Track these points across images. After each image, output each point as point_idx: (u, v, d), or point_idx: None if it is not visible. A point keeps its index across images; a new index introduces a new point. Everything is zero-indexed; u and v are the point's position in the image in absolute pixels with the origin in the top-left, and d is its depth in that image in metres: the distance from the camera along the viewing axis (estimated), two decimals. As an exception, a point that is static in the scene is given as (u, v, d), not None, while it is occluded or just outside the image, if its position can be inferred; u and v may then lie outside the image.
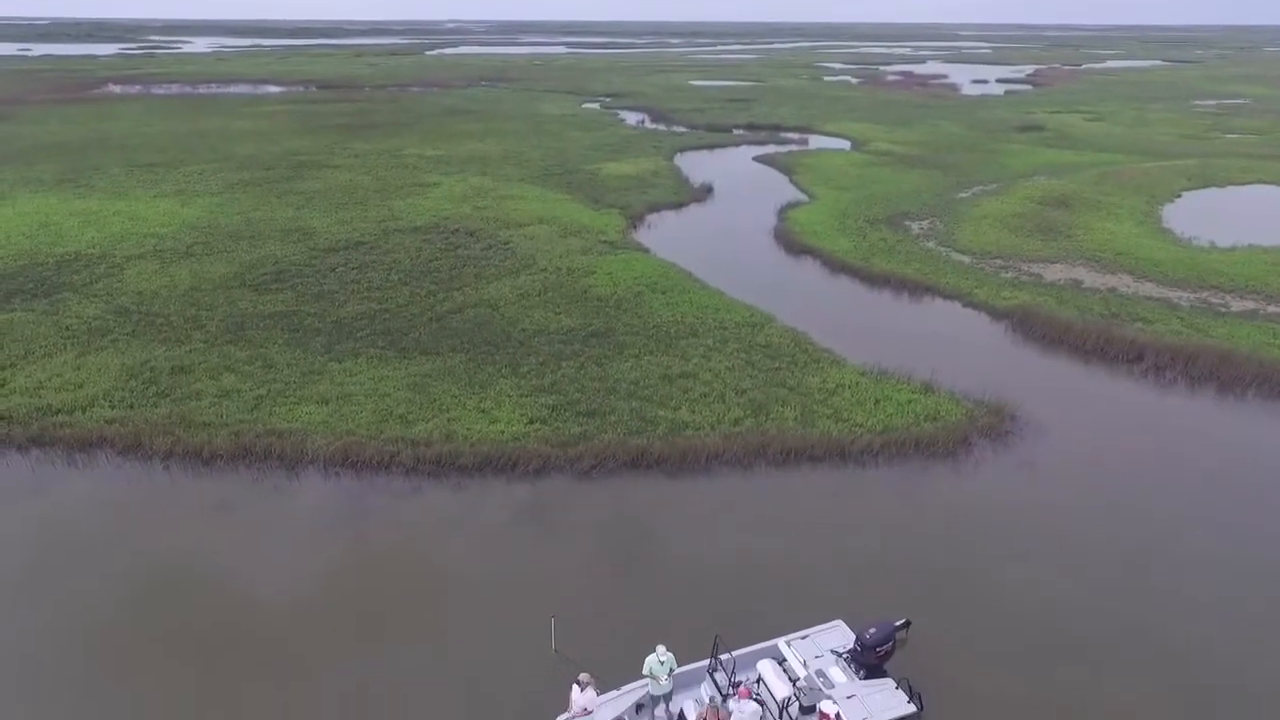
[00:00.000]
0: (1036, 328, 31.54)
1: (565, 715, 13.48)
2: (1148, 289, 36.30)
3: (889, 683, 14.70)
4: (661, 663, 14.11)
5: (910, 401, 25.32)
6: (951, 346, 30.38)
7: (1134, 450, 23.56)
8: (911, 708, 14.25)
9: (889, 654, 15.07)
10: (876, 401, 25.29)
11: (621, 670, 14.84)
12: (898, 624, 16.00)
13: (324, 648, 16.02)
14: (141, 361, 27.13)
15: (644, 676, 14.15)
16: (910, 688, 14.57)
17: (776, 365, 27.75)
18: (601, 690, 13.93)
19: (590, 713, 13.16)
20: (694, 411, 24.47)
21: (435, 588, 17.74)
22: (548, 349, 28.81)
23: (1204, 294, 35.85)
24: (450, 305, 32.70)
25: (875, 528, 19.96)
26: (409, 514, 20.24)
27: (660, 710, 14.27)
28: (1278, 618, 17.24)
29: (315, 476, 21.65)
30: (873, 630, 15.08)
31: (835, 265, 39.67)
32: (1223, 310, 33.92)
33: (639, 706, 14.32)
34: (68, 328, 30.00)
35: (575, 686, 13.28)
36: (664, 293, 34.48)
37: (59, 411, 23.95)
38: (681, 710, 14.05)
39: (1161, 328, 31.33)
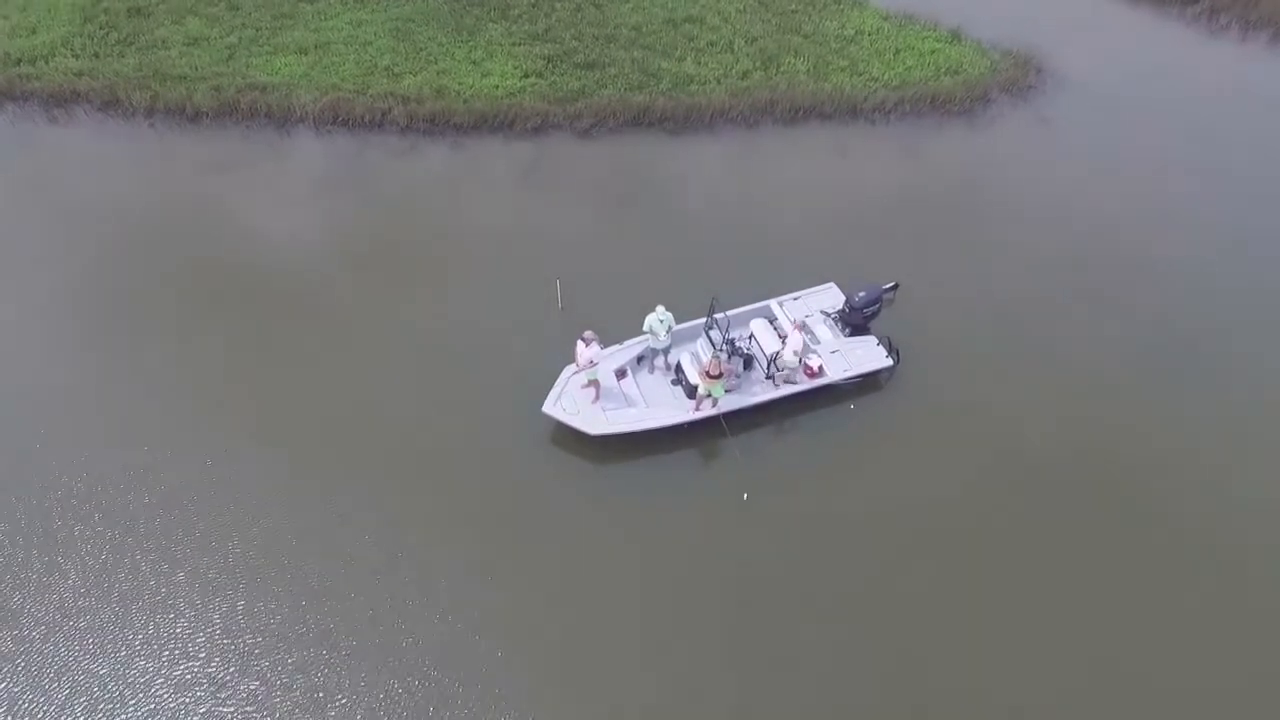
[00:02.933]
0: (1089, -40, 27.93)
1: (572, 366, 14.80)
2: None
3: (871, 339, 15.91)
4: (661, 321, 15.09)
5: (933, 52, 23.49)
6: (990, -16, 27.22)
7: (1159, 107, 22.50)
8: (889, 361, 15.61)
9: (875, 314, 16.07)
10: (896, 52, 23.45)
11: (623, 327, 15.90)
12: (886, 287, 16.78)
13: (336, 302, 16.87)
14: (92, 1, 24.55)
15: (644, 333, 15.24)
16: (890, 344, 15.80)
17: (792, 7, 25.19)
18: (604, 345, 15.08)
19: (595, 364, 14.42)
20: (700, 63, 22.82)
21: (442, 246, 18.21)
22: (540, -14, 25.88)
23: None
24: (426, -70, 28.57)
25: (877, 188, 19.89)
26: (408, 174, 20.03)
27: (659, 361, 15.63)
28: (1248, 290, 17.99)
29: (307, 135, 20.98)
30: (861, 293, 15.91)
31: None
32: (1307, -63, 29.70)
33: (639, 359, 15.67)
34: (-2, -42, 26.63)
35: (580, 342, 14.36)
36: (670, -86, 29.87)
37: (20, 61, 22.31)
38: (679, 362, 15.37)
39: (1231, -39, 27.74)
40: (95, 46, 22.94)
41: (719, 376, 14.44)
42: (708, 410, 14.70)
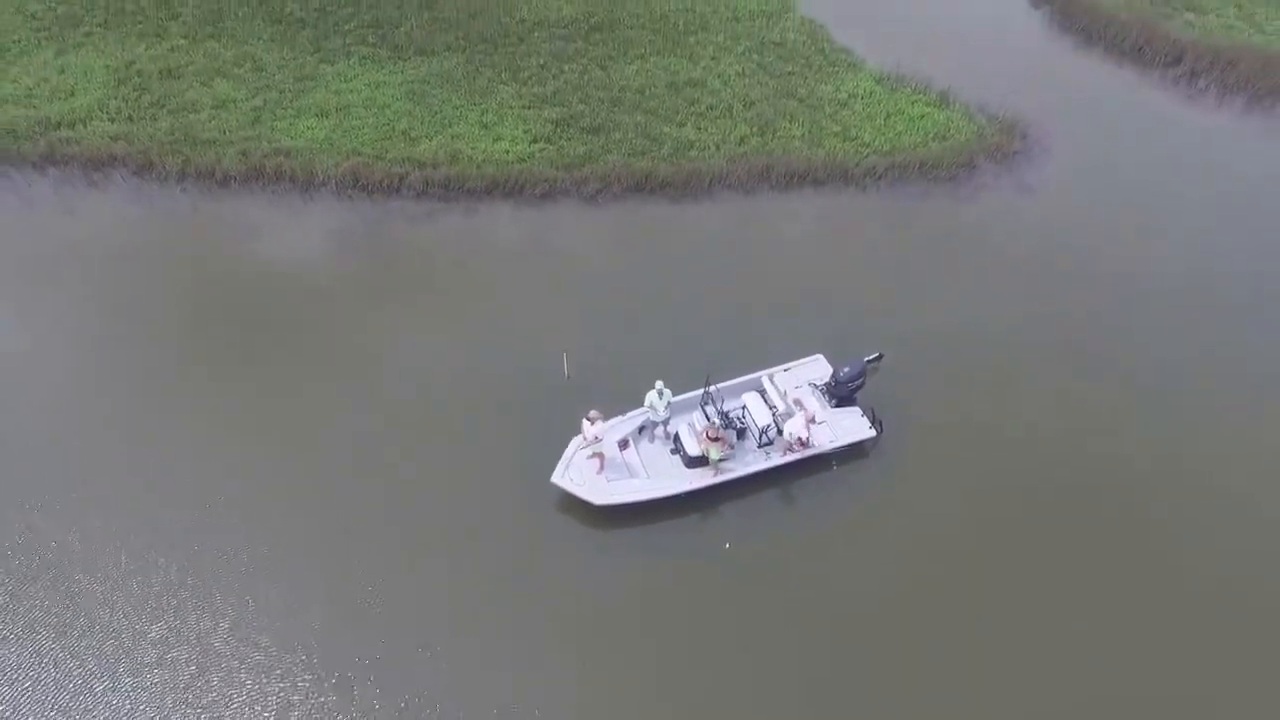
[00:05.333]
0: (1076, 19, 29.21)
1: (579, 438, 16.03)
2: (1214, -36, 32.53)
3: (856, 410, 17.13)
4: (660, 396, 16.36)
5: (923, 117, 24.70)
6: (981, 42, 28.48)
7: (1140, 173, 23.68)
8: (872, 432, 16.82)
9: (859, 387, 17.27)
10: (887, 116, 24.67)
11: (626, 394, 17.05)
12: (869, 359, 17.98)
13: (351, 368, 18.04)
14: (126, 63, 25.93)
15: (645, 408, 16.49)
16: (874, 415, 17.01)
17: (789, 70, 26.43)
18: (607, 417, 16.31)
19: (600, 439, 15.69)
20: (700, 129, 24.07)
21: (455, 315, 19.37)
22: (548, 47, 27.20)
23: (1276, -30, 32.21)
24: (439, -14, 29.93)
25: (866, 257, 21.10)
26: (425, 241, 21.30)
27: (659, 430, 16.88)
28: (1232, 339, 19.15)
29: (329, 199, 22.28)
30: (846, 368, 17.14)
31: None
32: (1289, -7, 30.87)
33: (641, 428, 16.92)
34: (34, 16, 28.00)
35: (586, 421, 15.62)
36: (673, -32, 31.18)
37: (59, 125, 23.67)
38: (677, 432, 16.61)
39: (1213, 20, 28.95)
40: (129, 109, 24.30)
41: (717, 440, 15.78)
42: (706, 480, 15.94)
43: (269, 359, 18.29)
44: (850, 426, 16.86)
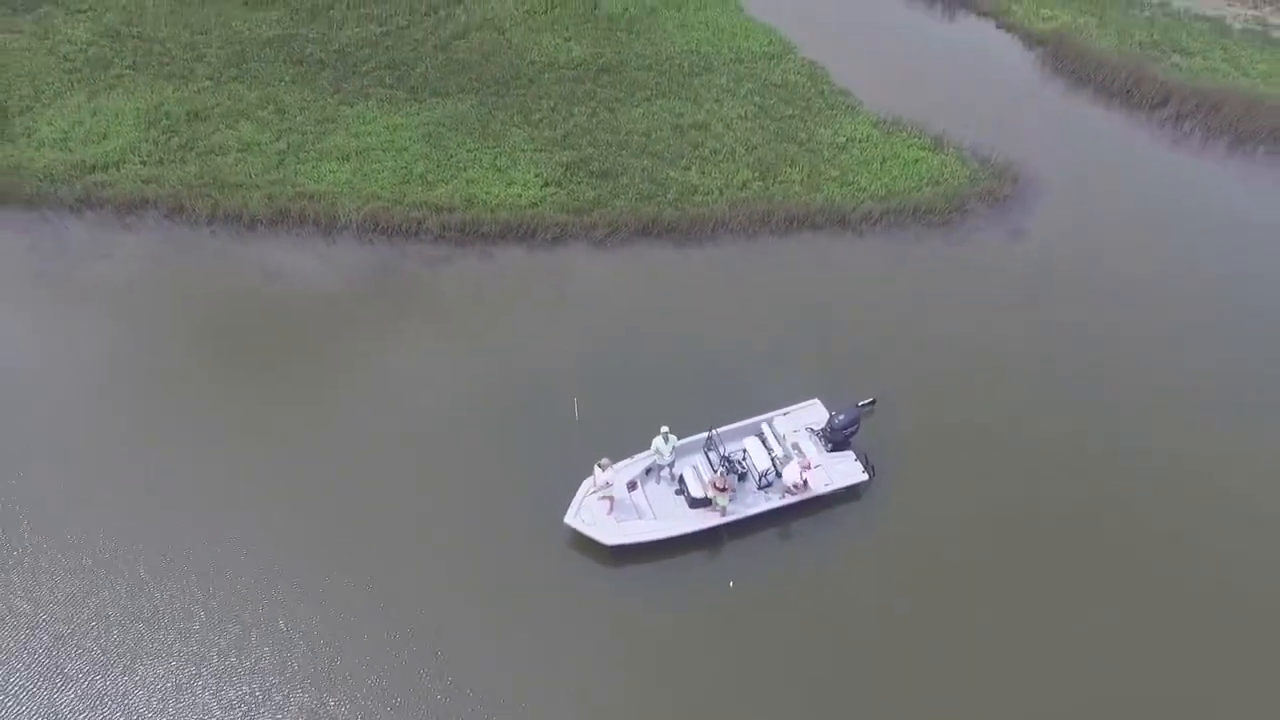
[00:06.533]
0: (1067, 62, 30.29)
1: (589, 481, 17.12)
2: (1203, 4, 33.62)
3: (850, 455, 18.22)
4: (666, 441, 17.48)
5: (917, 161, 25.77)
6: (975, 84, 29.60)
7: (1127, 216, 24.73)
8: (865, 476, 17.91)
9: (854, 433, 18.36)
10: (883, 161, 25.75)
11: (634, 438, 18.14)
12: (862, 404, 19.06)
13: (373, 406, 19.12)
14: (155, 105, 27.10)
15: (652, 453, 17.61)
16: (867, 460, 18.10)
17: (790, 113, 27.53)
18: (615, 460, 17.42)
19: (610, 484, 16.81)
20: (704, 173, 25.16)
21: (470, 359, 20.49)
22: (558, 89, 28.34)
23: (1265, 10, 33.32)
24: (454, 28, 31.11)
25: (862, 302, 22.16)
26: (444, 283, 22.38)
27: (665, 473, 18.00)
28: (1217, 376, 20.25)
29: (351, 242, 23.39)
30: (841, 416, 18.23)
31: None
32: (1276, 34, 31.92)
33: (648, 470, 18.03)
34: (66, 58, 29.20)
35: (597, 468, 16.74)
36: (679, 9, 32.39)
37: (94, 168, 24.82)
38: (681, 475, 17.72)
39: (1199, 63, 30.01)
40: (160, 153, 25.45)
41: (724, 490, 16.93)
42: (711, 521, 17.05)
43: (282, 400, 19.35)
44: (845, 470, 17.94)
